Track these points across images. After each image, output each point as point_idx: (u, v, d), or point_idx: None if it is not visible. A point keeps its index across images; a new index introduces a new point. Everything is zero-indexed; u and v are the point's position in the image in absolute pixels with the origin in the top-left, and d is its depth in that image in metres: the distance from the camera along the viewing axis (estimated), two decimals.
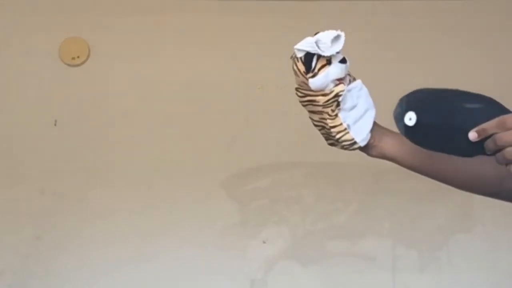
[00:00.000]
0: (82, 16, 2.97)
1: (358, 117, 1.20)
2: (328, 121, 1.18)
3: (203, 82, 2.96)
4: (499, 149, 1.00)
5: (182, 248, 2.89)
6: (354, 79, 1.21)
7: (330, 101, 1.17)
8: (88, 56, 2.96)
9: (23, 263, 2.87)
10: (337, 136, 1.20)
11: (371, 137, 1.22)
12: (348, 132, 1.19)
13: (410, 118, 1.05)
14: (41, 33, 2.95)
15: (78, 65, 2.96)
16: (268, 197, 2.93)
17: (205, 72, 2.96)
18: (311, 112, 1.21)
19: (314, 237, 2.92)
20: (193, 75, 2.96)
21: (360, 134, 1.20)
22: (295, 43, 1.17)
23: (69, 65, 2.95)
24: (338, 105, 1.17)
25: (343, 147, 1.21)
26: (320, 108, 1.18)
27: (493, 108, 1.02)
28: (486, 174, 1.24)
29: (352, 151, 1.24)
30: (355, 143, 1.20)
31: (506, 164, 1.00)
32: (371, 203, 2.92)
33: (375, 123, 1.23)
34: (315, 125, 1.23)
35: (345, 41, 1.15)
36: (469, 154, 1.04)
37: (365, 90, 1.21)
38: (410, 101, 1.08)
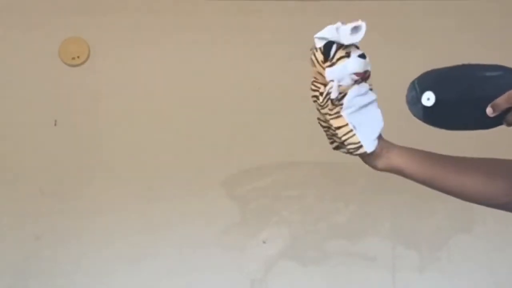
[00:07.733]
0: (82, 16, 2.97)
1: (363, 120, 1.15)
2: (332, 121, 1.15)
3: (203, 82, 2.96)
4: None
5: (182, 248, 2.89)
6: (371, 89, 1.17)
7: (325, 100, 1.14)
8: (88, 56, 2.96)
9: (23, 263, 2.87)
10: (343, 138, 1.15)
11: (379, 146, 1.17)
12: (354, 134, 1.15)
13: (428, 98, 1.01)
14: (41, 33, 2.95)
15: (78, 65, 2.96)
16: (268, 197, 2.93)
17: (205, 72, 2.96)
18: (318, 110, 1.17)
19: (314, 237, 2.92)
20: (193, 75, 2.96)
21: (367, 138, 1.16)
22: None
23: (69, 65, 2.95)
24: (337, 104, 1.13)
25: (348, 151, 1.17)
26: (319, 107, 1.16)
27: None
28: (494, 185, 1.20)
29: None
30: (361, 146, 1.15)
31: None
32: (371, 203, 2.92)
33: (381, 137, 1.19)
34: (322, 126, 1.20)
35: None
36: (493, 125, 1.04)
37: (374, 100, 1.17)
38: (424, 82, 1.04)
